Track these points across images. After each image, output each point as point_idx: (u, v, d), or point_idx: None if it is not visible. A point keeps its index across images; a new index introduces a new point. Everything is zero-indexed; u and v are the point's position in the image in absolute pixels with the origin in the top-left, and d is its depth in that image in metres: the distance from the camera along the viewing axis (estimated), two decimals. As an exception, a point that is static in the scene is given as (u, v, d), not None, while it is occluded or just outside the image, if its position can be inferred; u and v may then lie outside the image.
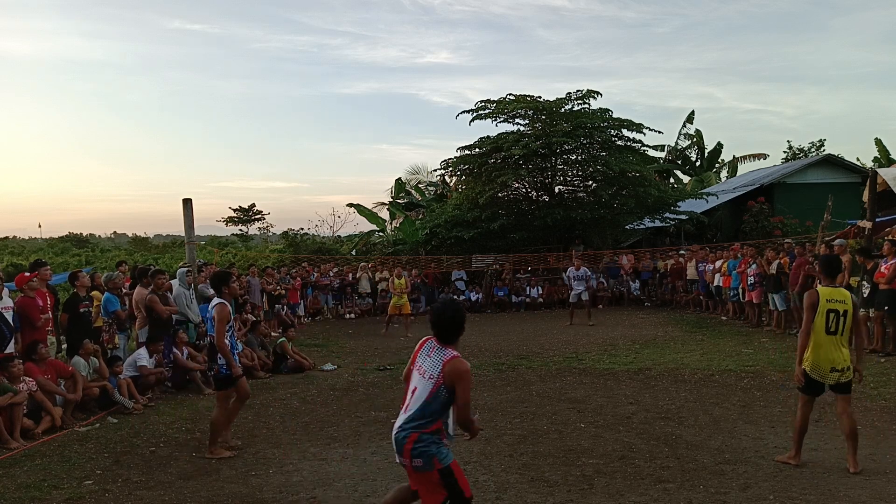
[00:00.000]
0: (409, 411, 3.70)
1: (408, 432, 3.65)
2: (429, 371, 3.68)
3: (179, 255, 31.90)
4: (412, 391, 3.75)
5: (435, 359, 3.69)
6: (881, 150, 29.74)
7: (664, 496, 4.92)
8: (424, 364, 3.74)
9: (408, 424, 3.67)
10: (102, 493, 5.34)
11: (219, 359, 6.11)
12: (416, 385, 3.75)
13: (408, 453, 3.62)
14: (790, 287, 12.58)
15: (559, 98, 22.11)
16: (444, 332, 3.75)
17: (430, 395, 3.64)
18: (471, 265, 21.22)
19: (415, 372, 3.81)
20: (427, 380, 3.67)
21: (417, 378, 3.75)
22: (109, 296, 9.65)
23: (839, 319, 5.32)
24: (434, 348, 3.76)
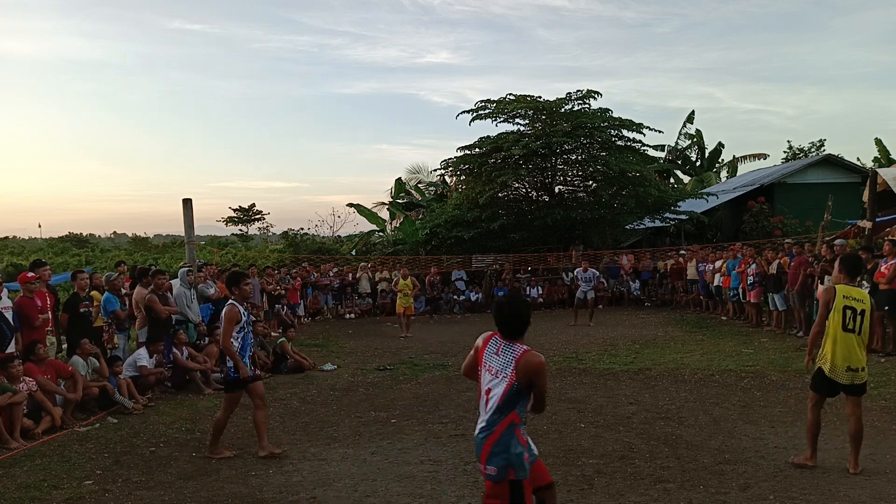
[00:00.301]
0: (488, 413, 3.53)
1: (486, 434, 3.51)
2: (501, 370, 3.53)
3: (179, 255, 31.91)
4: (486, 392, 3.58)
5: (505, 356, 3.55)
6: (881, 150, 29.74)
7: (664, 496, 4.92)
8: (494, 363, 3.58)
9: (487, 428, 3.51)
10: (102, 493, 5.34)
11: (228, 360, 6.07)
12: (488, 386, 3.58)
13: (484, 458, 3.49)
14: (790, 286, 12.58)
15: (559, 98, 22.12)
16: (510, 326, 3.62)
17: (504, 395, 3.49)
18: (471, 265, 21.22)
19: (484, 372, 3.63)
20: (500, 379, 3.52)
21: (489, 379, 3.59)
22: (109, 295, 9.65)
23: (857, 318, 5.23)
24: (501, 345, 3.61)
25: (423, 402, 8.36)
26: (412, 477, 5.52)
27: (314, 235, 35.74)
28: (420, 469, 5.72)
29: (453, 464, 5.83)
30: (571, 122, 21.09)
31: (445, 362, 11.16)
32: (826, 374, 5.32)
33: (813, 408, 5.48)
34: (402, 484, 5.36)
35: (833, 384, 5.34)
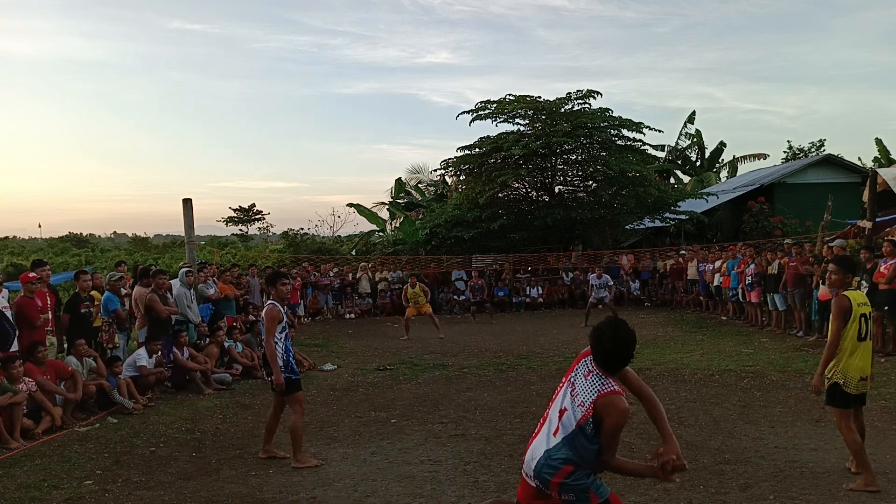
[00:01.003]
0: (558, 436, 3.20)
1: (560, 463, 3.16)
2: (580, 396, 3.20)
3: (179, 255, 31.91)
4: (560, 412, 3.24)
5: (592, 385, 3.20)
6: (881, 150, 29.75)
7: (664, 496, 4.92)
8: (578, 384, 3.25)
9: (558, 454, 3.17)
10: (102, 493, 5.34)
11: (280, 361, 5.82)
12: (564, 405, 3.25)
13: (555, 487, 3.16)
14: (789, 286, 12.58)
15: (559, 98, 22.12)
16: (608, 359, 3.24)
17: (577, 427, 3.17)
18: (471, 265, 21.22)
19: (566, 388, 3.30)
20: (577, 406, 3.19)
21: (568, 399, 3.25)
22: (109, 295, 9.66)
23: (867, 323, 4.98)
24: (593, 371, 3.25)
25: (423, 402, 8.36)
26: (412, 477, 5.52)
27: (314, 235, 35.78)
28: (420, 469, 5.72)
29: (453, 464, 5.83)
30: (571, 122, 21.09)
31: (445, 362, 11.16)
32: (846, 391, 5.00)
33: (848, 425, 4.96)
34: (402, 484, 5.36)
35: (852, 396, 5.06)
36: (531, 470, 3.26)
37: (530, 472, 3.27)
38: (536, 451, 3.27)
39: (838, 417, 5.04)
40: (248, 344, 11.03)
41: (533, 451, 3.30)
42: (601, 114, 21.77)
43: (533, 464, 3.25)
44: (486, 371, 10.27)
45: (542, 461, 3.21)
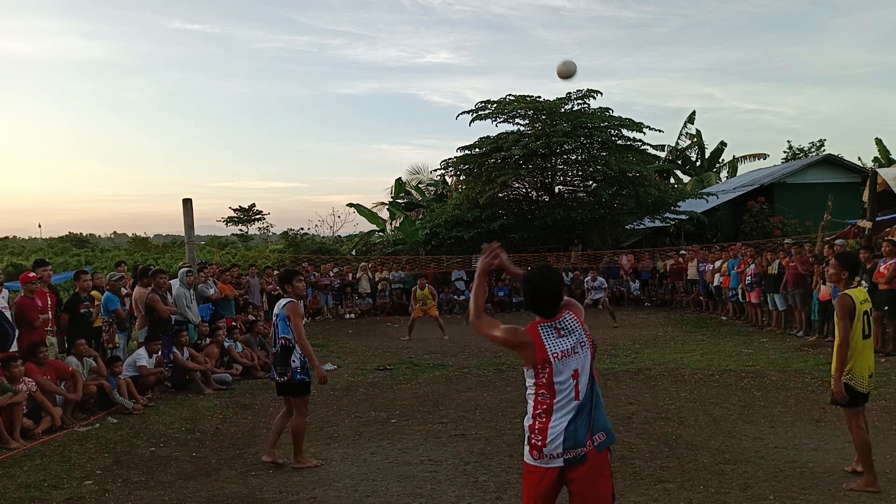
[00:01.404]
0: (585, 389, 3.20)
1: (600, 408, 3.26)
2: (577, 344, 3.21)
3: (179, 255, 31.91)
4: (574, 374, 3.18)
5: (570, 331, 3.23)
6: (881, 150, 29.76)
7: (664, 496, 4.92)
8: (565, 345, 3.20)
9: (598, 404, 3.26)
10: (102, 493, 5.34)
11: (292, 362, 5.67)
12: (575, 367, 3.19)
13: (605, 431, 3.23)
14: (789, 286, 12.59)
15: (559, 98, 22.14)
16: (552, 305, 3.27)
17: (592, 362, 3.27)
18: (471, 265, 21.20)
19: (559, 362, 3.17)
20: (583, 351, 3.22)
21: (572, 361, 3.19)
22: (110, 295, 9.66)
23: (869, 321, 4.97)
24: (557, 326, 3.24)
25: (423, 402, 8.36)
26: (412, 477, 5.52)
27: (314, 235, 35.83)
28: (420, 469, 5.72)
29: (453, 464, 5.83)
30: (571, 122, 21.10)
31: (445, 362, 11.16)
32: (858, 391, 4.98)
33: (858, 424, 4.95)
34: (402, 484, 5.36)
35: (863, 395, 5.05)
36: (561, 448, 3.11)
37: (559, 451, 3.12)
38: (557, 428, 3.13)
39: (849, 417, 5.01)
40: (247, 344, 11.03)
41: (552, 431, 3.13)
42: (601, 114, 21.78)
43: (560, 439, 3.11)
44: (486, 371, 10.27)
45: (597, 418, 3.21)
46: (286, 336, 5.72)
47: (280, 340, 5.75)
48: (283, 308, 5.79)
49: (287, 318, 5.71)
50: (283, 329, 5.74)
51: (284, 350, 5.73)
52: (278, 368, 5.78)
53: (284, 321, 5.73)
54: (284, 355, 5.72)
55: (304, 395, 5.81)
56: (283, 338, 5.73)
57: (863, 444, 4.92)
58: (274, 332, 5.86)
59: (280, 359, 5.76)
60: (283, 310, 5.79)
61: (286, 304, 5.82)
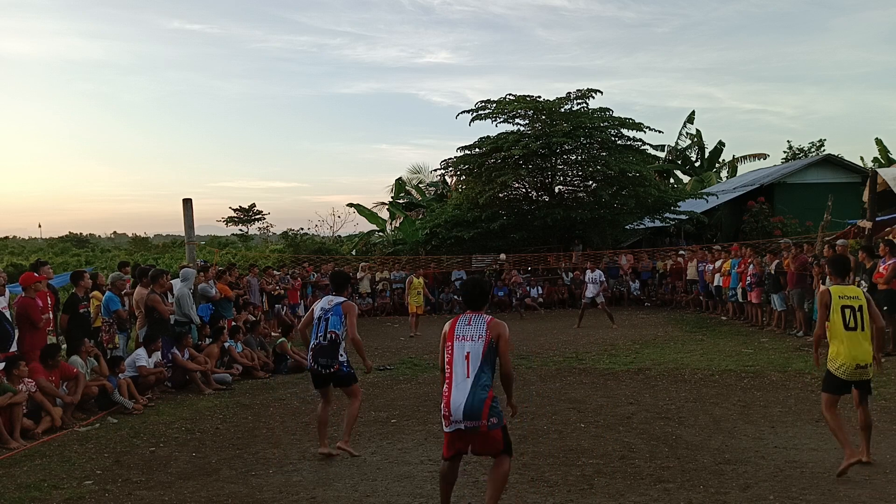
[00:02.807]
0: (473, 372, 4.14)
1: (485, 393, 4.11)
2: (476, 334, 4.21)
3: (179, 255, 31.90)
4: (465, 357, 4.16)
5: (478, 324, 4.25)
6: (881, 150, 29.76)
7: (664, 496, 4.92)
8: (468, 332, 4.24)
9: (481, 389, 4.11)
10: (102, 493, 5.34)
11: (340, 356, 5.97)
12: (467, 350, 4.17)
13: (486, 414, 4.08)
14: (788, 284, 12.60)
15: (559, 98, 22.14)
16: (476, 300, 4.40)
17: (485, 352, 4.16)
18: (471, 265, 21.22)
19: (458, 342, 4.23)
20: (478, 341, 4.18)
21: (466, 345, 4.19)
22: (111, 295, 9.65)
23: (856, 314, 5.25)
24: (472, 317, 4.32)
25: (423, 402, 8.36)
26: (412, 477, 5.52)
27: (314, 235, 35.82)
28: (420, 469, 5.72)
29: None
30: (571, 122, 21.11)
31: (445, 362, 11.14)
32: (837, 376, 5.29)
33: (829, 409, 5.37)
34: (402, 484, 5.36)
35: (845, 383, 5.33)
36: (460, 415, 4.09)
37: (459, 418, 4.10)
38: (458, 400, 4.10)
39: (823, 402, 5.44)
40: (247, 344, 11.03)
41: (454, 402, 4.11)
42: (601, 114, 21.78)
43: (466, 408, 4.07)
44: (486, 371, 10.26)
45: (470, 399, 4.08)
46: (335, 331, 5.96)
47: (329, 335, 5.96)
48: (341, 305, 6.06)
49: (345, 315, 6.02)
50: (335, 324, 5.97)
51: (332, 344, 5.96)
52: (322, 360, 5.96)
53: (339, 317, 6.00)
54: (332, 349, 5.95)
55: (354, 383, 6.16)
56: (333, 332, 5.96)
57: (833, 423, 5.33)
58: (318, 325, 6.03)
59: (327, 351, 5.95)
60: (339, 307, 6.05)
61: (343, 302, 6.10)
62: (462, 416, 4.09)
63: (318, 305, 6.18)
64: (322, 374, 6.02)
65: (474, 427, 4.11)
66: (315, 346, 6.00)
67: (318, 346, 5.98)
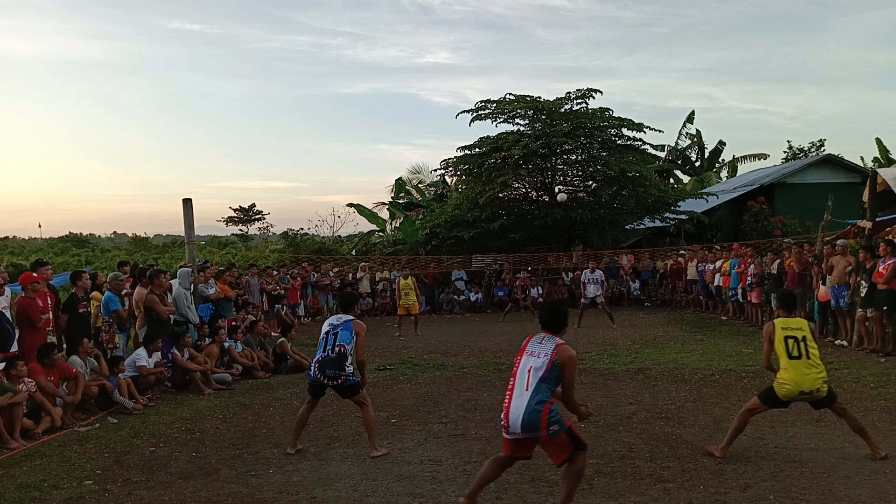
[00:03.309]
0: (532, 387, 4.32)
1: (541, 407, 4.27)
2: (544, 352, 4.40)
3: (179, 255, 31.90)
4: (528, 371, 4.38)
5: (548, 343, 4.44)
6: (881, 150, 29.76)
7: (664, 496, 4.92)
8: (538, 349, 4.45)
9: (538, 401, 4.28)
10: (102, 493, 5.34)
11: (347, 367, 6.08)
12: (531, 365, 4.40)
13: (544, 424, 4.24)
14: (788, 285, 12.59)
15: (559, 98, 22.11)
16: (552, 324, 4.57)
17: (548, 370, 4.33)
18: (471, 265, 21.22)
19: (527, 357, 4.47)
20: (544, 358, 4.37)
21: (533, 360, 4.41)
22: (111, 295, 9.64)
23: (799, 344, 5.56)
24: (545, 336, 4.52)
25: (423, 401, 8.36)
26: (412, 477, 5.52)
27: (314, 235, 35.79)
28: (420, 469, 5.72)
29: (453, 464, 5.83)
30: (571, 122, 21.08)
31: (445, 362, 11.16)
32: (777, 394, 5.62)
33: (746, 413, 5.78)
34: (402, 484, 5.36)
35: (784, 403, 5.71)
36: (518, 428, 4.27)
37: (517, 431, 4.28)
38: (516, 412, 4.29)
39: (750, 403, 5.87)
40: (247, 344, 11.03)
41: (513, 414, 4.31)
42: (601, 114, 21.76)
43: (518, 422, 4.26)
44: (486, 371, 10.27)
45: (526, 415, 4.24)
46: (345, 344, 6.11)
47: (338, 348, 6.10)
48: (351, 322, 6.22)
49: (356, 334, 6.16)
50: (345, 338, 6.12)
51: (340, 356, 6.08)
52: (329, 372, 6.09)
53: (349, 333, 6.14)
54: (340, 361, 6.07)
55: (361, 391, 6.25)
56: (342, 345, 6.10)
57: (738, 425, 5.77)
58: (326, 339, 6.18)
59: (334, 364, 6.08)
60: (349, 323, 6.21)
61: (353, 320, 6.26)
62: (520, 429, 4.28)
63: (326, 322, 6.40)
64: (326, 385, 6.14)
65: (534, 437, 4.31)
66: (321, 358, 6.12)
67: (324, 359, 6.10)
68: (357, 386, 6.18)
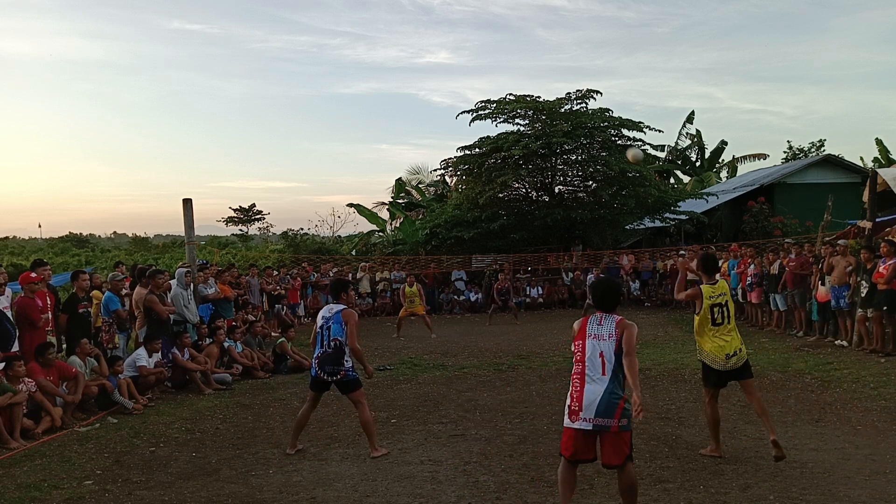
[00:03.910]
0: (607, 375, 4.18)
1: (619, 395, 4.16)
2: (607, 332, 4.28)
3: (179, 255, 31.91)
4: (599, 355, 4.22)
5: (607, 323, 4.33)
6: (881, 150, 29.77)
7: (664, 496, 4.92)
8: (598, 331, 4.31)
9: (616, 389, 4.16)
10: (102, 494, 5.34)
11: (346, 362, 6.05)
12: (600, 349, 4.24)
13: (618, 414, 4.13)
14: (788, 285, 12.60)
15: (559, 98, 22.12)
16: (606, 302, 4.43)
17: (615, 351, 4.21)
18: (471, 265, 21.22)
19: (589, 341, 4.29)
20: (609, 340, 4.25)
21: (599, 345, 4.25)
22: (110, 295, 9.64)
23: (723, 310, 5.68)
24: (602, 316, 4.38)
25: (423, 402, 8.36)
26: (412, 477, 5.52)
27: (314, 235, 35.78)
28: (420, 469, 5.72)
29: (453, 464, 5.83)
30: (571, 122, 21.09)
31: (445, 362, 11.16)
32: (712, 368, 5.71)
33: (710, 402, 5.82)
34: (402, 484, 5.36)
35: (720, 374, 5.72)
36: (592, 412, 4.13)
37: (591, 415, 4.13)
38: (592, 396, 4.15)
39: (704, 395, 5.94)
40: (247, 344, 11.03)
41: (587, 397, 4.16)
42: (601, 114, 21.77)
43: (594, 406, 4.12)
44: (486, 371, 10.27)
45: (605, 397, 4.12)
46: (338, 338, 6.06)
47: (333, 342, 6.06)
48: (340, 313, 6.13)
49: (345, 323, 6.07)
50: (337, 331, 6.07)
51: (337, 351, 6.06)
52: (328, 368, 6.07)
53: (339, 325, 6.08)
54: (337, 355, 6.06)
55: (360, 388, 6.21)
56: (336, 339, 6.06)
57: (711, 419, 5.82)
58: (322, 334, 6.13)
59: (332, 359, 6.06)
60: (339, 314, 6.12)
61: (342, 310, 6.16)
62: (595, 414, 4.13)
63: (319, 314, 6.31)
64: (328, 381, 6.13)
65: (604, 426, 4.13)
66: (320, 354, 6.12)
67: (323, 355, 6.10)
68: (356, 382, 6.16)
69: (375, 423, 7.13)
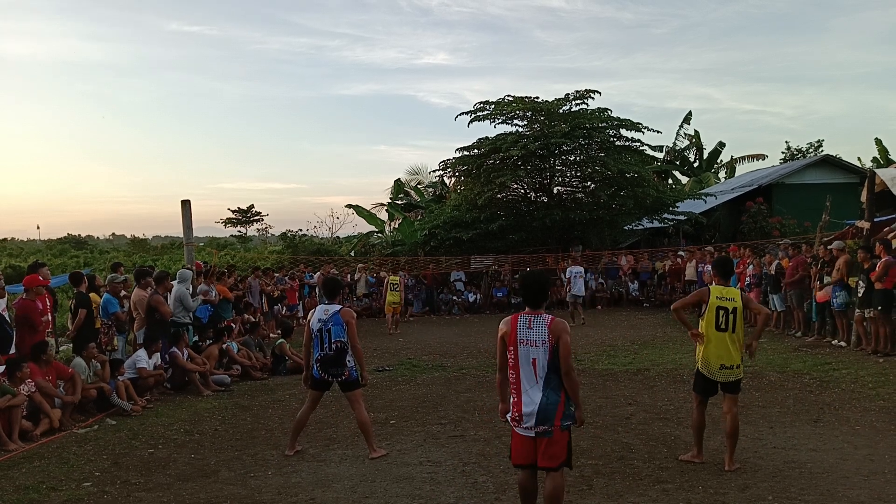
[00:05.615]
0: (540, 382, 4.05)
1: (557, 396, 4.05)
2: (539, 338, 4.05)
3: (178, 256, 31.87)
4: (532, 362, 4.05)
5: (538, 326, 4.08)
6: (881, 151, 29.80)
7: (663, 497, 4.92)
8: (529, 336, 4.07)
9: (552, 394, 4.04)
10: (101, 495, 5.34)
11: (348, 362, 6.04)
12: (532, 357, 4.06)
13: (559, 417, 4.04)
14: (786, 285, 12.61)
15: (557, 99, 22.13)
16: (535, 297, 4.18)
17: (549, 359, 4.04)
18: (469, 266, 21.21)
19: (521, 348, 4.08)
20: (542, 347, 4.04)
21: (531, 351, 4.06)
22: (109, 297, 9.63)
23: (729, 317, 5.55)
24: (531, 318, 4.11)
25: (422, 403, 8.36)
26: (411, 478, 5.52)
27: (313, 236, 35.74)
28: (419, 470, 5.72)
29: (452, 465, 5.82)
30: (570, 123, 21.09)
31: (444, 363, 11.16)
32: (703, 374, 5.60)
33: (698, 408, 5.68)
34: (401, 485, 5.36)
35: (711, 383, 5.61)
36: (533, 421, 4.02)
37: (532, 424, 4.03)
38: (530, 406, 4.03)
39: (693, 400, 5.78)
40: (246, 345, 11.02)
41: (526, 408, 4.04)
42: (599, 114, 21.78)
43: (534, 415, 4.02)
44: (485, 372, 10.26)
45: (543, 404, 4.01)
46: (341, 339, 6.01)
47: (335, 344, 6.01)
48: (339, 313, 6.06)
49: (346, 324, 6.03)
50: (339, 333, 6.01)
51: (340, 352, 6.02)
52: (332, 370, 6.04)
53: (340, 326, 6.01)
54: (340, 357, 6.02)
55: (359, 388, 6.19)
56: (338, 341, 6.01)
57: (697, 424, 5.66)
58: (322, 336, 6.04)
59: (335, 360, 6.03)
60: (338, 315, 6.05)
61: (340, 310, 6.10)
62: (535, 422, 4.04)
63: (313, 318, 6.13)
64: (331, 382, 6.13)
65: (546, 431, 4.04)
66: (322, 356, 6.05)
67: (324, 357, 6.04)
68: (357, 383, 6.14)
69: (374, 424, 7.12)
